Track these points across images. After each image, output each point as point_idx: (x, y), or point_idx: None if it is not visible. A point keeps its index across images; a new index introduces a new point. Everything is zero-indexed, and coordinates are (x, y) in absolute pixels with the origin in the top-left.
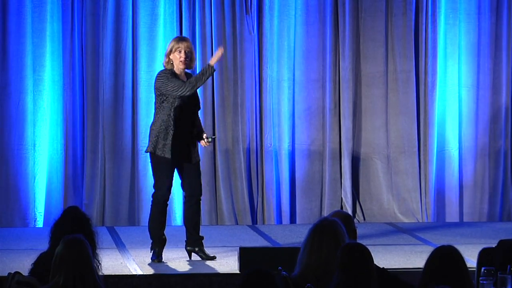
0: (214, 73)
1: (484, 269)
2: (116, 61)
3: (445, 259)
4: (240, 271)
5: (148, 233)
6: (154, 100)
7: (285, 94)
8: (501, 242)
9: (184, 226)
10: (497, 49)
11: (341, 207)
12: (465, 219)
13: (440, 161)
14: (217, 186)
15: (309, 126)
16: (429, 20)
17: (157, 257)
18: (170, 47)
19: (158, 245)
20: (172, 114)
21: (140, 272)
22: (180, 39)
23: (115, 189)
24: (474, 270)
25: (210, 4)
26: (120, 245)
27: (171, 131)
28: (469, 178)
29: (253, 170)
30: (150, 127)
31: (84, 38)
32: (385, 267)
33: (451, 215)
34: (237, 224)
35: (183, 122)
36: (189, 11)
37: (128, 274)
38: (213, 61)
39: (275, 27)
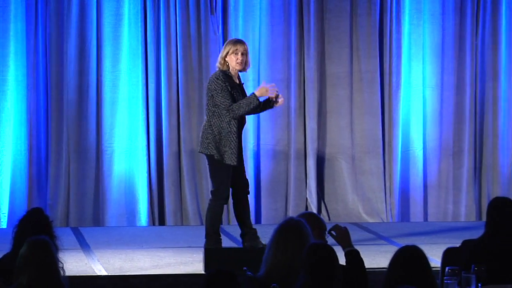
0: (180, 73)
1: (449, 269)
2: (80, 61)
3: (409, 259)
4: (205, 271)
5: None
6: (206, 101)
7: None
8: (465, 242)
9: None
10: (461, 50)
11: (306, 207)
12: (430, 219)
13: (405, 161)
14: (182, 186)
15: (274, 126)
16: (394, 21)
17: None
18: (227, 49)
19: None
20: (233, 122)
21: (105, 273)
22: (236, 41)
23: (79, 189)
24: (438, 270)
25: (174, 4)
26: (84, 246)
27: (234, 138)
28: (433, 178)
29: None
30: (205, 129)
31: (48, 38)
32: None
33: (416, 215)
34: (202, 224)
35: (241, 125)
36: (153, 11)
37: (93, 275)
38: (257, 92)
39: (240, 28)
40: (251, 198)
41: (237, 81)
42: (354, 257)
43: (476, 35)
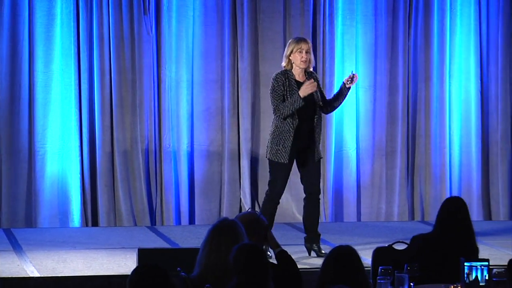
0: (113, 73)
1: (382, 268)
2: (13, 61)
3: (342, 259)
4: None
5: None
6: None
7: (183, 95)
8: (414, 238)
9: (303, 223)
10: (394, 51)
11: (240, 208)
12: (363, 219)
13: (338, 161)
14: (116, 187)
15: (208, 127)
16: (327, 21)
17: None
18: (290, 48)
19: None
20: (288, 120)
21: (37, 275)
22: (300, 39)
23: (11, 190)
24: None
25: (107, 4)
26: (16, 247)
27: (288, 136)
28: (366, 178)
29: (151, 171)
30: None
31: None
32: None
33: (349, 215)
34: (136, 225)
35: (301, 122)
36: (86, 11)
37: (25, 276)
38: (301, 92)
39: (173, 28)
40: (185, 198)
41: (301, 79)
42: (286, 257)
43: (408, 36)
